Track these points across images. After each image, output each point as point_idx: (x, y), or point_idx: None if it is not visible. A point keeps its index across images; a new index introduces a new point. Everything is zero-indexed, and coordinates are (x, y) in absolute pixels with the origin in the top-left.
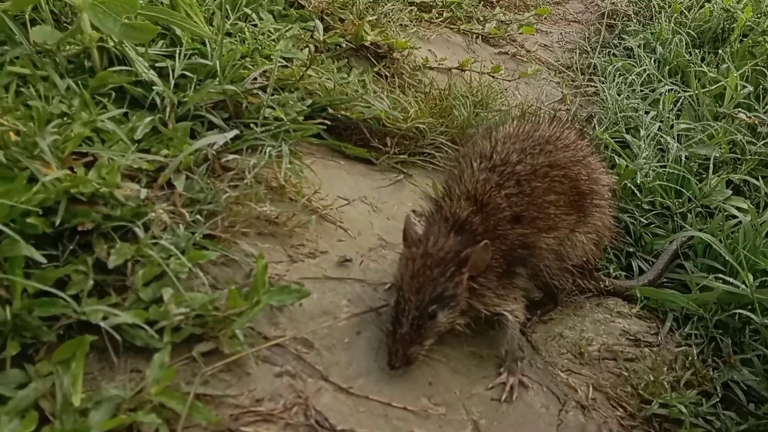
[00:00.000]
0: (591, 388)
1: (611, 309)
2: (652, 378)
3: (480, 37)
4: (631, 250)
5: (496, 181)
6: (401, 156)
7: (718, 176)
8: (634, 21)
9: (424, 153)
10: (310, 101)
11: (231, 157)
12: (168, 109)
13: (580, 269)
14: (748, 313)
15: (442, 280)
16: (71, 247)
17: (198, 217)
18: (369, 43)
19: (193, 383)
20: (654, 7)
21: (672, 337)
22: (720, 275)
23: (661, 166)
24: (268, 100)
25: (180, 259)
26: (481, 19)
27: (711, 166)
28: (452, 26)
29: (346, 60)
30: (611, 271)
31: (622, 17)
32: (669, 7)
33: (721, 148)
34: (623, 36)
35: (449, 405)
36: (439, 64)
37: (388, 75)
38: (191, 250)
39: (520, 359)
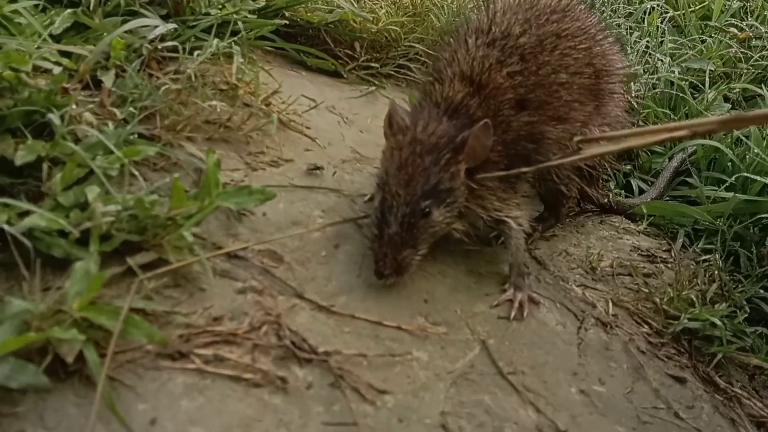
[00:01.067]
0: (610, 304)
1: (616, 226)
2: (675, 293)
3: None
4: (628, 169)
5: (497, 57)
6: (372, 65)
7: (715, 89)
8: None
9: (398, 64)
10: (263, 2)
11: (170, 55)
12: (93, 2)
13: (590, 172)
14: None
15: (435, 170)
16: None
17: (132, 110)
18: None
19: (128, 298)
20: None
21: (686, 253)
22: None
23: (653, 83)
24: None
25: (109, 156)
26: None
27: (707, 79)
28: None
29: None
30: (612, 188)
31: None
32: None
33: (714, 63)
34: None
35: (450, 324)
36: None
37: None
38: (123, 148)
39: (526, 274)
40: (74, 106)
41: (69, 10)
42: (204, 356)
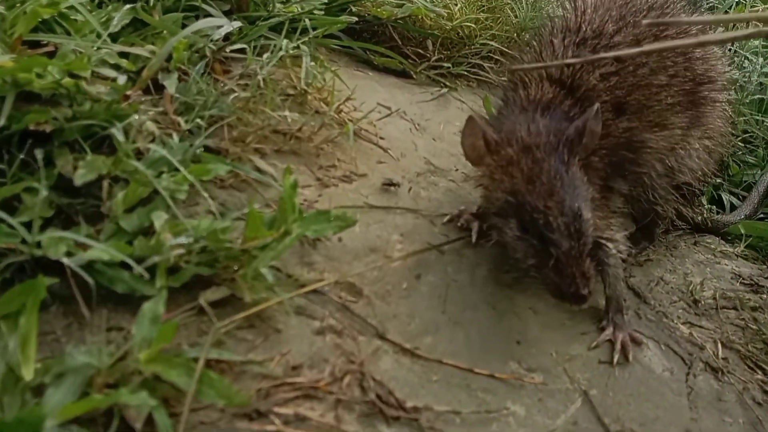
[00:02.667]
0: (719, 346)
1: (712, 249)
2: None
3: None
4: (717, 182)
5: None
6: (444, 65)
7: None
8: None
9: (471, 63)
10: None
11: (233, 55)
12: None
13: (688, 190)
14: None
15: (564, 169)
16: (21, 158)
17: (199, 121)
18: None
19: (200, 345)
20: None
21: None
22: None
23: (741, 84)
24: None
25: (176, 175)
26: None
27: None
28: None
29: None
30: (704, 203)
31: None
32: None
33: None
34: None
35: (546, 371)
36: None
37: None
38: (190, 165)
39: (625, 309)
40: (136, 116)
41: (127, 6)
42: (284, 415)
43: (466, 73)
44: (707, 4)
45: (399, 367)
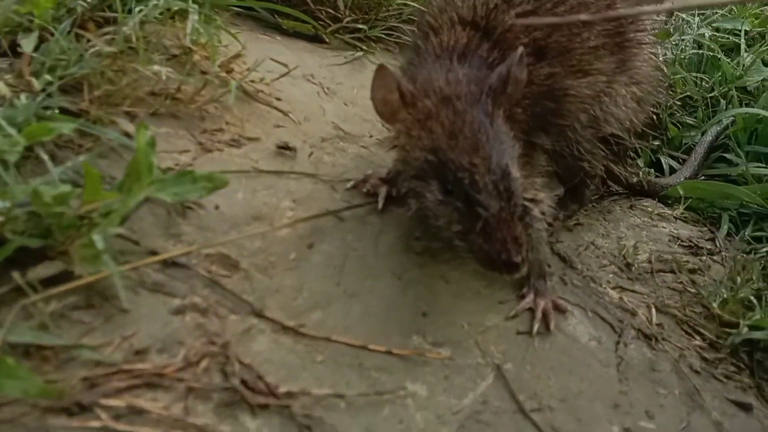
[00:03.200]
0: (654, 310)
1: (649, 212)
2: (729, 293)
3: None
4: (656, 145)
5: None
6: (360, 28)
7: (753, 52)
8: None
9: (389, 26)
10: None
11: (114, 15)
12: None
13: (617, 143)
14: None
15: (488, 122)
16: None
17: (48, 77)
18: None
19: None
20: None
21: (731, 242)
22: None
23: (680, 45)
24: None
25: (9, 136)
26: None
27: (742, 41)
28: None
29: None
30: (641, 165)
31: None
32: None
33: (749, 23)
34: None
35: (456, 344)
36: None
37: None
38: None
39: (548, 275)
40: None
41: None
42: (114, 408)
43: (384, 36)
44: None
45: (276, 348)
